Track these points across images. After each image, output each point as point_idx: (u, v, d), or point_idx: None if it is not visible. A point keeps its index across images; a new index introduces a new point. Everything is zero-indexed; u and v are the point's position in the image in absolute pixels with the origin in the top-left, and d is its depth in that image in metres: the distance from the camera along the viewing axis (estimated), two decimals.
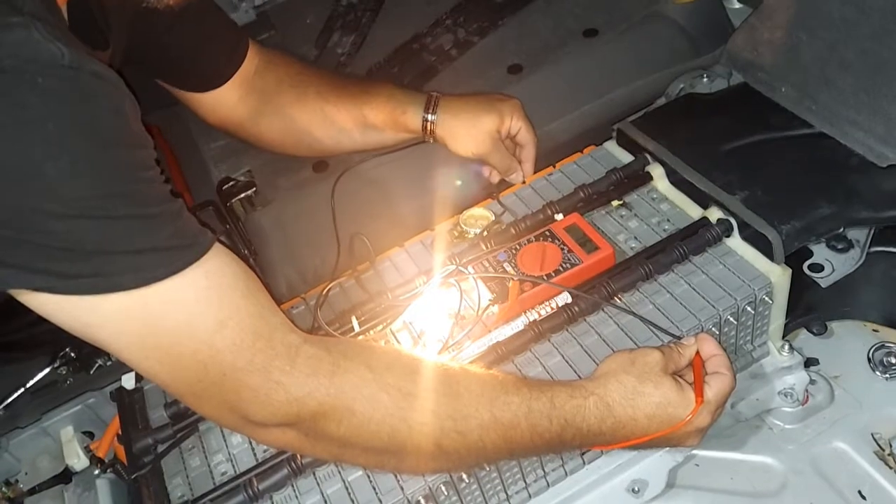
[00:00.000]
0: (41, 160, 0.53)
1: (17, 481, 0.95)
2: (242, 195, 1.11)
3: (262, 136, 1.03)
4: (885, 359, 0.90)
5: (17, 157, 0.52)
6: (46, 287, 0.57)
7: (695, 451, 0.88)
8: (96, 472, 0.87)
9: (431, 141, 1.02)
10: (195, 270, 0.62)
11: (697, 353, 0.77)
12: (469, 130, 0.99)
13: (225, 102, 0.98)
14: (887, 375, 0.90)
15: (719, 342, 0.80)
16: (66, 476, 0.93)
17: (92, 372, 1.03)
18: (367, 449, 0.69)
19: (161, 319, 0.61)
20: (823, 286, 0.87)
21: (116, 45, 0.82)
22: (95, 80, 0.56)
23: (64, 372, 1.03)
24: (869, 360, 0.91)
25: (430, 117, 0.99)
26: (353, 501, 0.75)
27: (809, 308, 0.94)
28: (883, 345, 0.91)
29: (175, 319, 0.62)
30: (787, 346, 0.89)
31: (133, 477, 0.81)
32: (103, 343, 0.63)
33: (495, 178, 1.05)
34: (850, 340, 0.94)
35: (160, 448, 0.83)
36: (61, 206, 0.54)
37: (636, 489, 0.85)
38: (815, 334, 0.95)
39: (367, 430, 0.67)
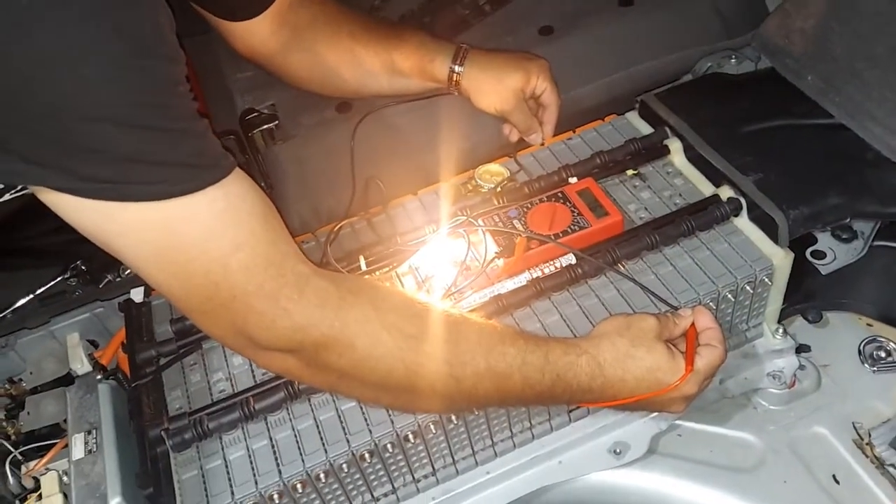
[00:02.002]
0: (80, 60, 0.53)
1: (20, 380, 0.98)
2: (265, 127, 1.13)
3: (291, 71, 1.03)
4: (875, 352, 0.92)
5: (57, 54, 0.52)
6: (70, 188, 0.58)
7: (678, 422, 0.90)
8: (98, 377, 0.89)
9: (456, 93, 1.03)
10: (216, 190, 0.62)
11: (693, 324, 0.79)
12: (494, 86, 1.00)
13: (258, 34, 0.99)
14: (875, 369, 0.91)
15: (716, 317, 0.82)
16: (68, 379, 0.95)
17: (101, 285, 1.05)
18: (364, 383, 0.71)
19: (178, 235, 0.62)
20: (823, 273, 0.88)
21: None
22: None
23: (74, 283, 1.05)
24: (859, 352, 0.93)
25: (457, 68, 1.00)
26: (344, 430, 0.78)
27: (807, 295, 0.95)
28: (875, 339, 0.93)
29: (192, 236, 0.63)
30: (781, 330, 0.91)
31: (134, 385, 0.84)
32: (118, 251, 0.63)
33: (514, 137, 1.06)
34: (843, 331, 0.95)
35: (162, 361, 0.86)
36: (94, 108, 0.55)
37: (618, 451, 0.87)
38: (809, 322, 0.96)
39: (366, 365, 0.69)
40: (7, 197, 0.93)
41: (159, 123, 0.59)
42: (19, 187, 0.94)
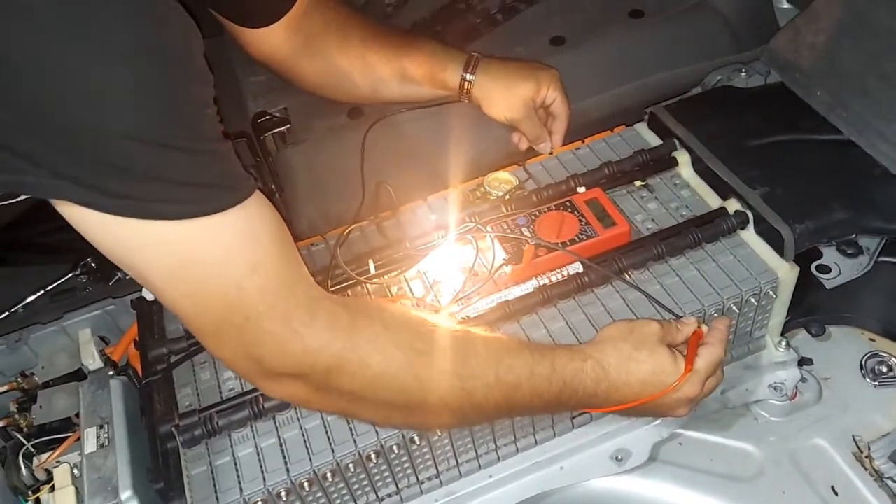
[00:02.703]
0: (110, 78, 0.53)
1: (32, 374, 0.99)
2: (276, 130, 1.14)
3: (303, 76, 1.04)
4: (876, 367, 0.93)
5: (87, 71, 0.53)
6: (93, 203, 0.58)
7: (680, 430, 0.91)
8: (110, 373, 0.91)
9: (466, 101, 1.04)
10: (237, 212, 0.63)
11: (697, 330, 0.80)
12: (505, 94, 1.01)
13: (272, 40, 1.00)
14: (877, 383, 0.92)
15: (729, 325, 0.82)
16: (80, 375, 0.97)
17: (111, 283, 1.07)
18: (378, 403, 0.71)
19: (196, 254, 0.62)
20: (828, 287, 0.89)
21: None
22: (171, 9, 0.57)
23: (84, 280, 1.07)
24: (861, 366, 0.94)
25: (468, 77, 1.01)
26: (351, 431, 0.79)
27: (811, 309, 0.96)
28: (877, 353, 0.94)
29: (210, 256, 0.63)
30: (783, 343, 0.92)
31: (146, 382, 0.85)
32: (135, 268, 0.63)
33: (523, 146, 1.07)
34: (845, 345, 0.96)
35: (173, 358, 0.87)
36: (123, 126, 0.55)
37: (619, 458, 0.89)
38: (812, 335, 0.97)
39: (379, 383, 0.69)
40: (22, 197, 0.95)
41: (185, 144, 0.59)
42: None
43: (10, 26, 0.50)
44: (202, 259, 0.63)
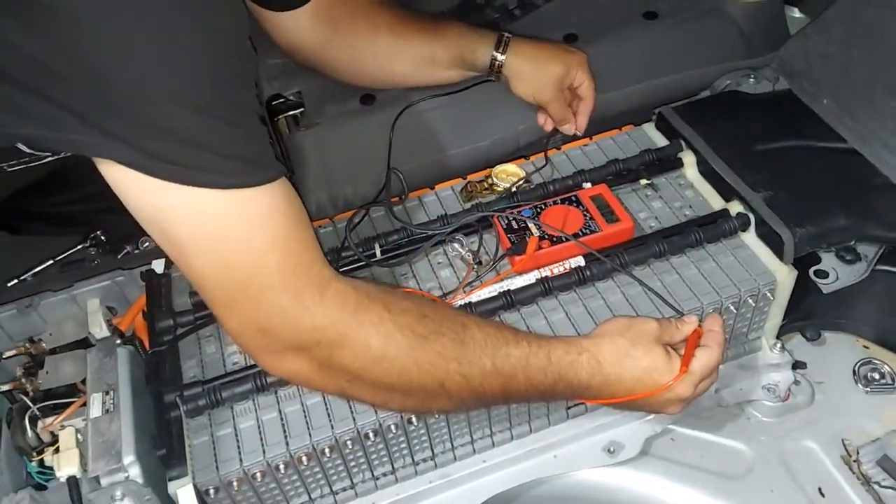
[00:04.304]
0: (169, 50, 0.56)
1: (40, 340, 1.01)
2: (290, 113, 1.16)
3: (329, 64, 1.06)
4: (869, 374, 0.95)
5: (148, 41, 0.55)
6: (138, 164, 0.60)
7: (672, 426, 0.93)
8: (118, 342, 0.92)
9: (495, 79, 1.06)
10: (267, 190, 0.65)
11: (697, 329, 0.81)
12: (535, 74, 1.04)
13: (298, 27, 1.02)
14: (868, 389, 0.94)
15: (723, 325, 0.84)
16: (87, 343, 0.99)
17: (119, 256, 1.08)
18: (377, 384, 0.73)
19: (226, 225, 0.65)
20: (825, 292, 0.90)
21: None
22: None
23: (93, 252, 1.08)
24: (854, 372, 0.96)
25: (499, 56, 1.03)
26: (351, 409, 0.81)
27: (808, 313, 0.98)
28: (870, 360, 0.96)
29: (238, 228, 0.65)
30: (779, 345, 0.94)
31: (152, 351, 0.87)
32: (166, 233, 0.66)
33: (549, 126, 1.09)
34: (840, 351, 0.98)
35: (180, 330, 0.89)
36: (176, 94, 0.58)
37: (612, 450, 0.90)
38: (808, 339, 0.99)
39: (380, 365, 0.72)
40: (42, 161, 0.96)
41: (234, 117, 0.62)
42: (47, 156, 0.97)
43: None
44: (231, 230, 0.65)
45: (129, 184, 0.63)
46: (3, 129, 0.61)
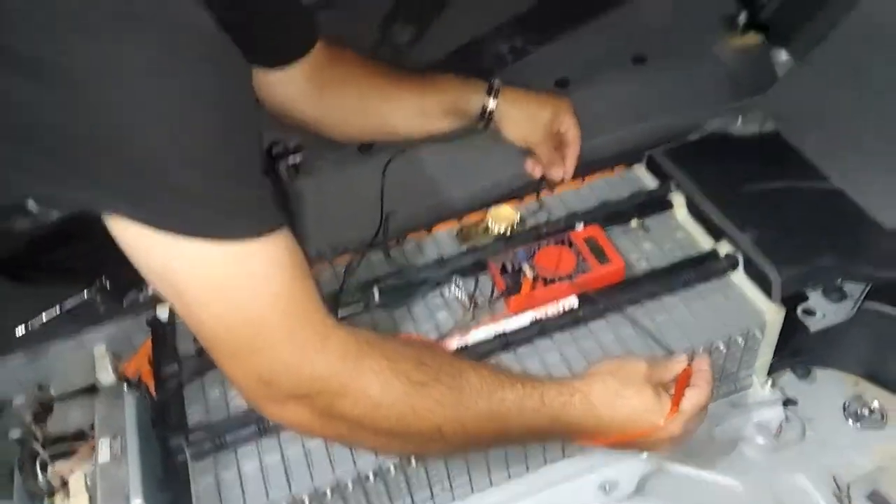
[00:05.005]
0: (179, 112, 0.59)
1: (49, 386, 1.03)
2: (289, 160, 1.19)
3: (321, 122, 1.08)
4: (859, 410, 0.97)
5: (159, 104, 0.58)
6: (146, 219, 0.62)
7: (666, 463, 0.95)
8: (125, 387, 0.95)
9: (483, 126, 1.09)
10: (269, 240, 0.67)
11: (686, 368, 0.83)
12: (525, 119, 1.07)
13: (290, 86, 1.04)
14: (858, 425, 0.96)
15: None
16: (94, 389, 1.01)
17: (125, 303, 1.11)
18: (377, 431, 0.74)
19: (231, 275, 0.67)
20: (812, 330, 0.92)
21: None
22: (234, 53, 0.62)
23: (98, 300, 1.11)
24: (844, 408, 0.98)
25: (490, 102, 1.07)
26: (351, 451, 0.83)
27: (797, 351, 1.00)
28: (859, 397, 0.98)
29: (241, 279, 0.67)
30: (769, 383, 0.96)
31: (158, 396, 0.90)
32: (172, 286, 0.67)
33: (537, 173, 1.12)
34: (829, 388, 1.00)
35: (185, 375, 0.92)
36: (185, 154, 0.60)
37: (607, 488, 0.92)
38: (798, 377, 1.01)
39: (379, 412, 0.73)
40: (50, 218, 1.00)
41: (239, 173, 0.65)
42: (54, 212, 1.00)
43: (102, 63, 0.56)
44: (233, 281, 0.67)
45: (135, 238, 0.65)
46: (16, 189, 0.65)
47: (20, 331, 1.06)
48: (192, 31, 0.60)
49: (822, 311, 0.94)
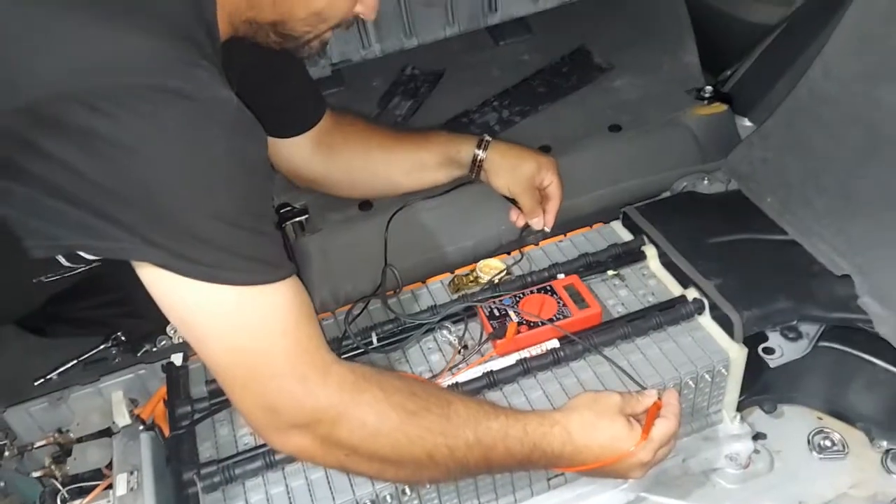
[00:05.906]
0: (210, 174, 0.70)
1: (68, 430, 1.10)
2: (296, 220, 1.29)
3: (328, 182, 1.21)
4: (821, 442, 1.04)
5: (193, 168, 0.69)
6: (174, 267, 0.72)
7: (644, 495, 1.01)
8: (140, 428, 1.02)
9: (473, 176, 1.21)
10: (280, 286, 0.78)
11: (657, 402, 0.91)
12: (511, 170, 1.19)
13: (299, 153, 1.17)
14: (822, 456, 1.03)
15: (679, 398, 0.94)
16: (110, 432, 1.08)
17: (139, 355, 1.19)
18: (372, 457, 0.82)
19: (246, 317, 0.76)
20: (772, 367, 1.01)
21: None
22: (252, 123, 0.74)
23: (115, 351, 1.19)
24: (808, 441, 1.05)
25: (480, 154, 1.19)
26: (350, 481, 0.90)
27: (764, 388, 1.08)
28: (822, 430, 1.05)
29: (256, 320, 0.77)
30: (738, 418, 1.04)
31: (172, 434, 0.97)
32: (193, 327, 0.77)
33: (521, 223, 1.22)
34: (795, 422, 1.07)
35: (197, 415, 0.99)
36: (217, 211, 0.71)
37: None
38: (766, 412, 1.08)
39: (375, 440, 0.81)
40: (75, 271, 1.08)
41: (257, 226, 0.75)
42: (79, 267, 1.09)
43: (144, 133, 0.67)
44: (248, 321, 0.77)
45: (162, 283, 0.75)
46: (56, 242, 0.74)
47: (39, 381, 1.14)
48: (218, 106, 0.71)
49: (781, 350, 1.03)
